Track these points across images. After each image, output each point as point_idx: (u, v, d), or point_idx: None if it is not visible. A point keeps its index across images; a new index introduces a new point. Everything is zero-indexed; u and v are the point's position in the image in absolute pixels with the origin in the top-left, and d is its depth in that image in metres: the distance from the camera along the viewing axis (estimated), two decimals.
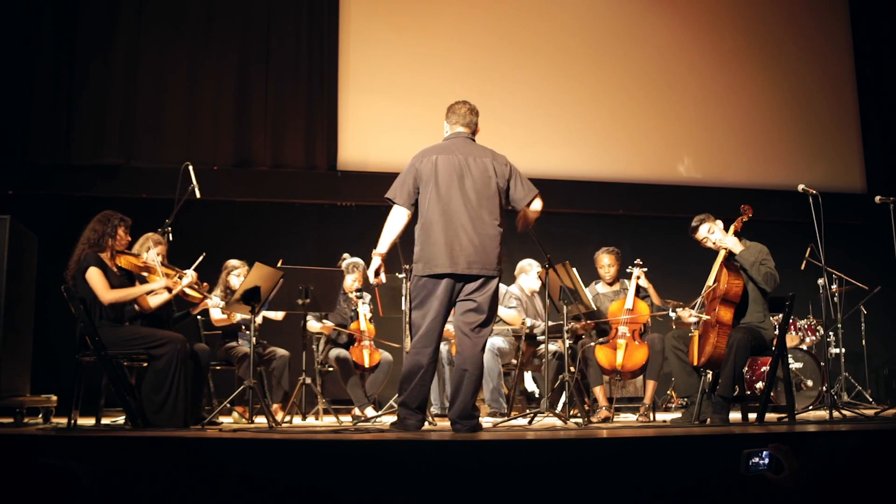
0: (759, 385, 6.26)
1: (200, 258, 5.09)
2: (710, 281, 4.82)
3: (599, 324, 5.91)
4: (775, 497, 1.97)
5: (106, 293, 4.43)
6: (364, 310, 6.07)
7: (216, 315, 5.70)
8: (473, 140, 4.30)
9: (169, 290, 4.78)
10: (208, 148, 7.64)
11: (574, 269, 5.22)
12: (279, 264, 5.39)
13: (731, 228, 4.87)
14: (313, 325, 5.91)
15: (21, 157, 7.23)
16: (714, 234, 4.88)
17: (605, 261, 6.05)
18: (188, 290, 4.88)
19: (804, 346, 6.72)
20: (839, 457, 1.76)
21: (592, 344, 5.67)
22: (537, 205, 4.25)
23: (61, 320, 5.34)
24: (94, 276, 4.43)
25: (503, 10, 8.37)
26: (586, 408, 5.52)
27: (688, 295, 5.14)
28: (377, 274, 4.20)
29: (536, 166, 8.05)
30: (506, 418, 5.21)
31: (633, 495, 3.08)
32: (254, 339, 4.92)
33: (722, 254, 4.80)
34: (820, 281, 6.55)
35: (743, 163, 8.75)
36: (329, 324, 5.93)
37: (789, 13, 9.10)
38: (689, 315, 4.99)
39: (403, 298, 4.98)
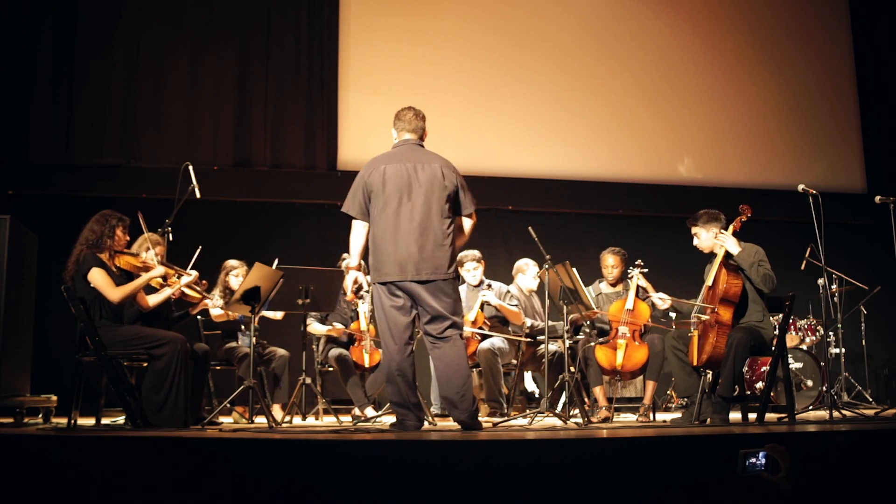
0: (759, 385, 6.26)
1: (197, 252, 5.09)
2: (709, 281, 4.82)
3: (599, 324, 5.91)
4: (773, 497, 1.97)
5: (112, 291, 4.42)
6: (364, 309, 6.06)
7: (215, 311, 5.70)
8: (422, 146, 4.35)
9: (165, 278, 4.78)
10: (208, 148, 7.65)
11: (574, 269, 5.21)
12: (275, 263, 5.40)
13: (730, 228, 4.87)
14: (317, 327, 5.89)
15: (21, 157, 7.24)
16: (704, 240, 4.90)
17: (610, 261, 6.03)
18: (187, 290, 4.88)
19: (804, 346, 6.72)
20: (835, 457, 1.76)
21: (592, 344, 5.67)
22: (468, 223, 4.31)
23: (61, 320, 5.34)
24: (99, 277, 4.41)
25: (503, 10, 8.37)
26: (586, 408, 5.52)
27: (688, 295, 5.14)
28: (356, 286, 4.34)
29: (537, 166, 8.06)
30: (506, 418, 5.21)
31: (633, 495, 3.09)
32: (254, 339, 4.92)
33: (720, 254, 4.80)
34: (820, 281, 6.54)
35: (743, 163, 8.76)
36: (340, 326, 5.91)
37: (789, 13, 9.10)
38: (660, 299, 5.10)
39: None
